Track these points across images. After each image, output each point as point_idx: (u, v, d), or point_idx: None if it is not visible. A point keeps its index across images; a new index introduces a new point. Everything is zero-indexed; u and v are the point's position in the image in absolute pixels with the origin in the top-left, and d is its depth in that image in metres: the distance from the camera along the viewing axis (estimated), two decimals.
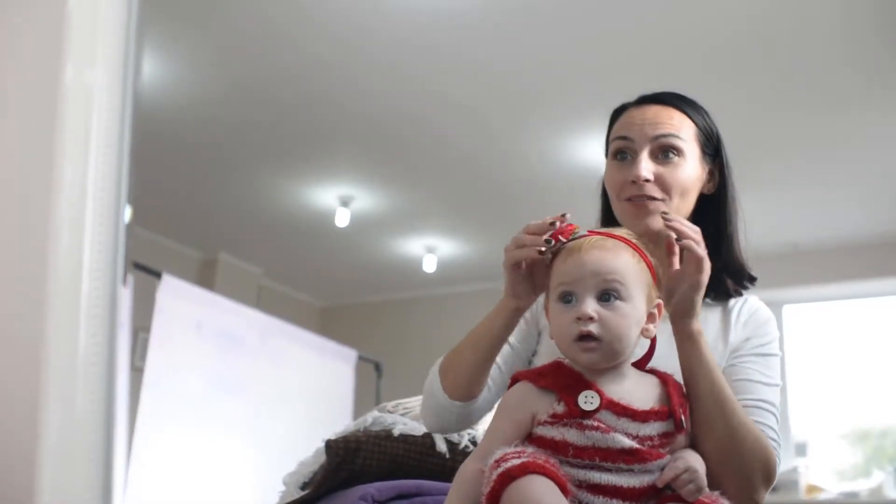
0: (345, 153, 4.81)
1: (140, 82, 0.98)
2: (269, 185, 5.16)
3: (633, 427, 1.15)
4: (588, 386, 1.15)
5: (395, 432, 1.93)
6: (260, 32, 3.71)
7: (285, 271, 6.68)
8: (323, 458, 1.93)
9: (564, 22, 3.55)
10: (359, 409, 5.04)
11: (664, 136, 1.47)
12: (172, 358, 4.16)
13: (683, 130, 1.49)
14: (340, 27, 3.64)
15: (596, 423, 1.13)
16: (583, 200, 1.64)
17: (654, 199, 1.45)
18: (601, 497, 1.12)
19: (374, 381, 5.64)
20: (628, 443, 1.13)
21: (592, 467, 1.12)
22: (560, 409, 1.15)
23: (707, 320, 1.44)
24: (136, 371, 4.25)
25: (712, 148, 1.54)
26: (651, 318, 1.21)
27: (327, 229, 5.59)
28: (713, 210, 1.54)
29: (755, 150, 4.39)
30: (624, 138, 1.50)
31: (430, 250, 6.06)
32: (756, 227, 1.61)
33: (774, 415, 1.39)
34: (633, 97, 1.59)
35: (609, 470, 1.12)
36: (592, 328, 1.14)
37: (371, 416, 2.03)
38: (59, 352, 0.87)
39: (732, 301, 1.51)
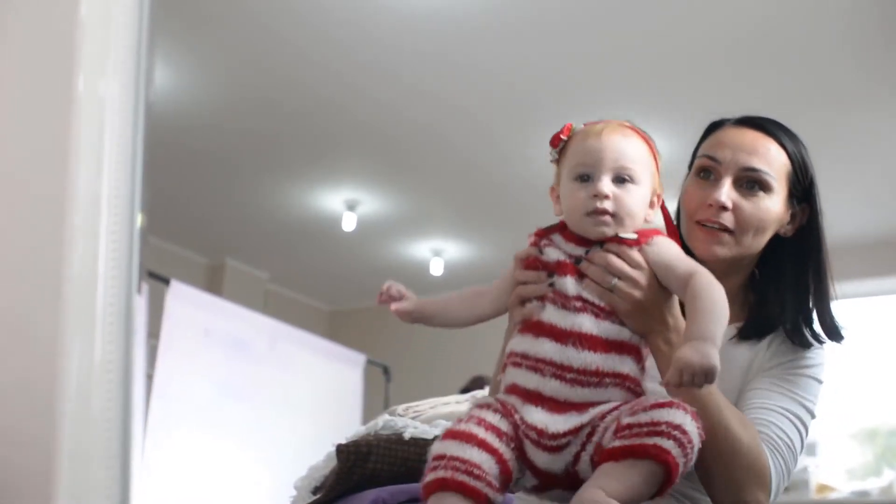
0: (350, 157, 4.81)
1: (152, 92, 0.99)
2: (276, 191, 5.17)
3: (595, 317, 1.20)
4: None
5: (406, 436, 1.93)
6: (266, 41, 3.72)
7: (292, 276, 6.69)
8: (334, 462, 1.93)
9: (567, 28, 3.56)
10: (367, 413, 5.04)
11: (754, 170, 1.39)
12: (181, 364, 4.16)
13: (776, 167, 1.40)
14: (345, 35, 3.65)
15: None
16: None
17: (725, 230, 1.38)
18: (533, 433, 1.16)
19: (382, 385, 5.64)
20: (574, 291, 1.19)
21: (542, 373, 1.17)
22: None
23: (735, 358, 1.37)
24: (146, 377, 4.25)
25: (801, 190, 1.45)
26: (651, 205, 1.27)
27: (334, 233, 5.60)
28: (790, 255, 1.46)
29: None
30: (712, 158, 1.42)
31: (436, 253, 6.06)
32: None
33: (794, 423, 1.33)
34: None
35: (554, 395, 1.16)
36: (608, 205, 1.21)
37: (381, 420, 2.03)
38: (75, 360, 0.88)
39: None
